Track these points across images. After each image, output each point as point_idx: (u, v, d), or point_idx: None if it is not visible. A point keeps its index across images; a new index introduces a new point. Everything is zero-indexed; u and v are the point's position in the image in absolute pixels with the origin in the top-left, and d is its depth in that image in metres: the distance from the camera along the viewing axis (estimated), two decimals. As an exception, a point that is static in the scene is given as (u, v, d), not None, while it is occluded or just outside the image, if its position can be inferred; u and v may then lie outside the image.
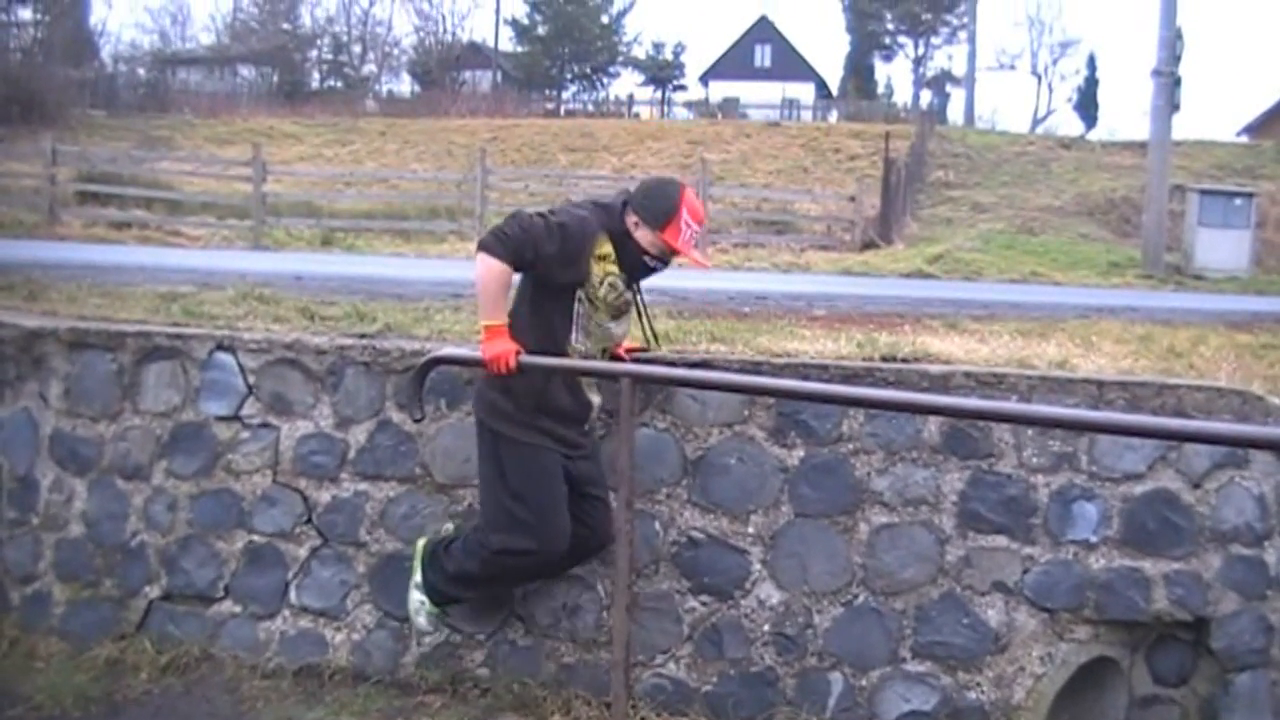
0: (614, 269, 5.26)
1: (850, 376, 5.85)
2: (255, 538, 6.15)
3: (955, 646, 5.78)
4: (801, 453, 5.82)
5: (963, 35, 68.09)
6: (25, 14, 63.44)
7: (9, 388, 6.59)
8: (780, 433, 5.82)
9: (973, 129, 49.85)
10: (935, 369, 5.99)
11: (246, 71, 64.36)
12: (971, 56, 58.20)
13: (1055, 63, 75.81)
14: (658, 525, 5.84)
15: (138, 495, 6.24)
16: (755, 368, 5.91)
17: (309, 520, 6.12)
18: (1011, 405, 5.56)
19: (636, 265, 5.33)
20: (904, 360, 6.20)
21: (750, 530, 5.84)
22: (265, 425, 6.15)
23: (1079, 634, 5.86)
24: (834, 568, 5.82)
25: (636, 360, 5.59)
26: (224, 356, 6.22)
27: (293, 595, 6.14)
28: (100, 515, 6.30)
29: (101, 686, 5.91)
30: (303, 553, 6.13)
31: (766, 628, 5.85)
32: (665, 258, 5.38)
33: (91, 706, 5.72)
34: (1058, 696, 5.88)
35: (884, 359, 6.21)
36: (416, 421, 5.87)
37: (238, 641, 6.16)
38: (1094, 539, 5.79)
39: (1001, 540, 5.79)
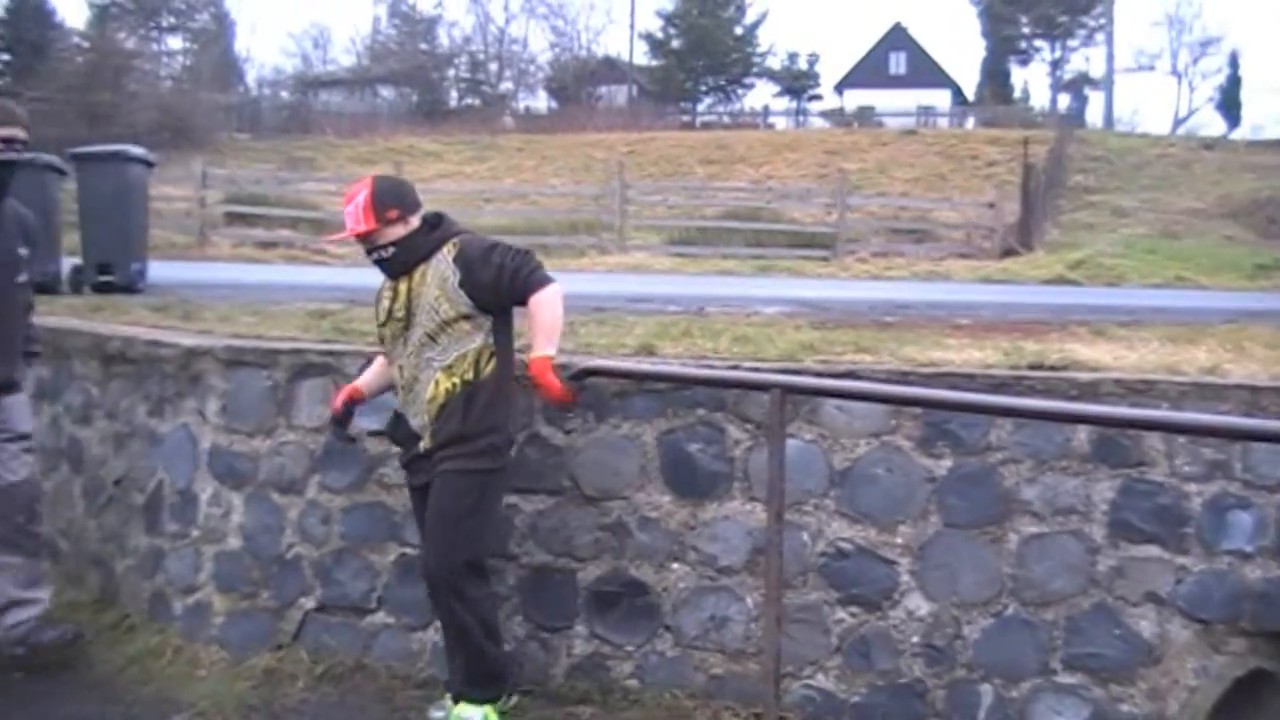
0: None
1: (998, 385, 5.82)
2: (407, 550, 6.22)
3: (1107, 658, 5.71)
4: (949, 463, 5.80)
5: (1100, 37, 67.20)
6: (175, 43, 65.43)
7: (169, 405, 6.76)
8: (928, 442, 5.80)
9: (1112, 132, 49.28)
10: (1084, 376, 5.93)
11: (386, 92, 65.30)
12: (1109, 58, 57.54)
13: (1196, 62, 74.66)
14: (805, 536, 5.84)
15: (292, 509, 6.36)
16: (902, 377, 5.89)
17: (460, 532, 6.18)
18: (1162, 413, 5.50)
19: None
20: (1051, 368, 6.14)
21: (898, 541, 5.82)
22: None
23: (1234, 646, 5.76)
24: (983, 578, 5.78)
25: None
26: (375, 372, 6.33)
27: (445, 607, 6.22)
28: (257, 528, 6.43)
29: (260, 694, 6.03)
30: (454, 565, 6.20)
31: (915, 639, 5.82)
32: None
33: (252, 714, 5.82)
34: (1212, 711, 5.77)
35: (1031, 367, 6.15)
36: (566, 434, 5.94)
37: (390, 652, 6.25)
38: (1249, 549, 5.69)
39: (1154, 550, 5.71)
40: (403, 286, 5.51)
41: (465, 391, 5.38)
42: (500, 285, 5.41)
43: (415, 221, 5.60)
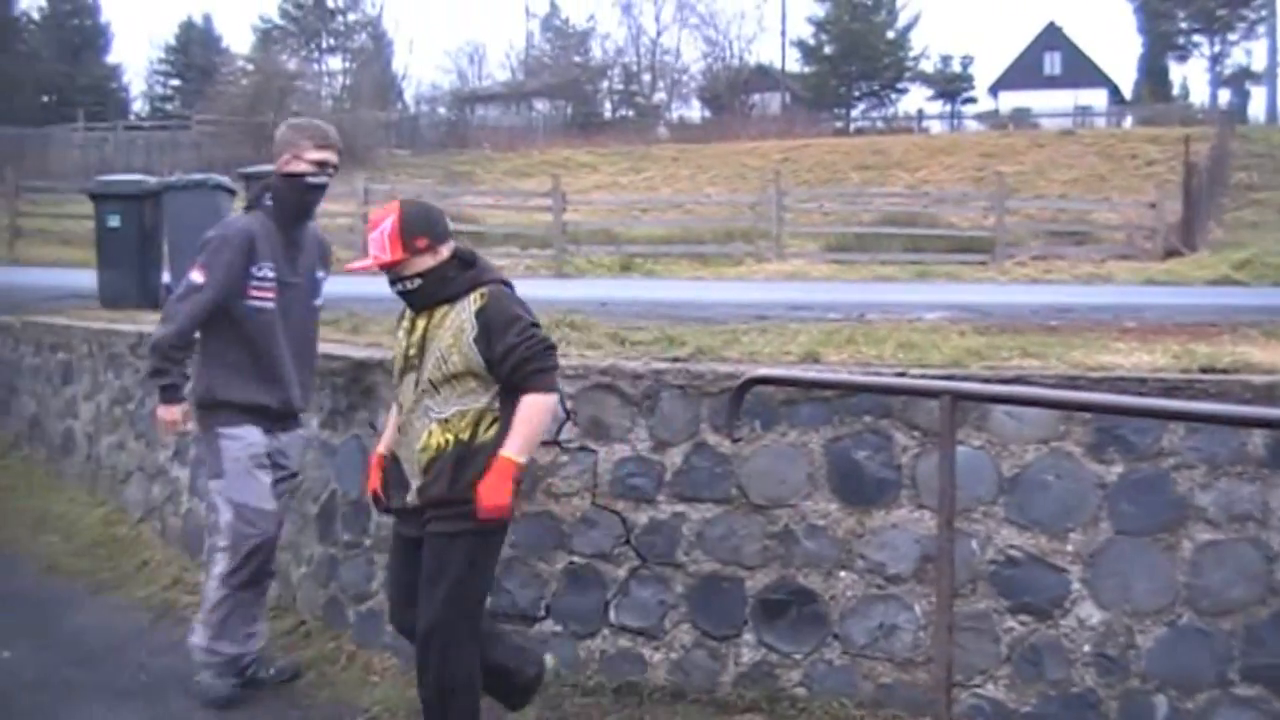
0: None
1: (1169, 389, 5.72)
2: (575, 559, 6.28)
3: (1288, 669, 5.60)
4: (1120, 468, 5.71)
5: (1261, 29, 65.89)
6: (335, 63, 66.91)
7: (341, 417, 6.90)
8: (1098, 448, 5.73)
9: (1276, 127, 48.27)
10: (1259, 379, 5.81)
11: (541, 105, 65.97)
12: (1272, 51, 56.41)
13: (1362, 51, 72.55)
14: (974, 544, 5.80)
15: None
16: (1071, 382, 5.82)
17: (627, 541, 6.23)
18: (1343, 416, 5.37)
19: None
20: (1224, 371, 6.03)
21: (1069, 548, 5.75)
22: (584, 449, 6.28)
23: None
24: (1156, 586, 5.69)
25: None
26: (544, 383, 6.40)
27: (612, 615, 6.26)
28: (426, 538, 6.53)
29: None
30: (622, 573, 6.24)
31: (1087, 648, 5.74)
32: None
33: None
34: (1399, 722, 5.65)
35: (1203, 370, 6.04)
36: (734, 442, 5.96)
37: (559, 659, 6.30)
38: None
39: (1335, 557, 5.59)
40: (421, 323, 5.23)
41: (457, 451, 5.10)
42: (505, 363, 5.06)
43: (445, 252, 5.23)
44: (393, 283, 5.26)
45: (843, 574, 5.96)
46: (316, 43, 68.00)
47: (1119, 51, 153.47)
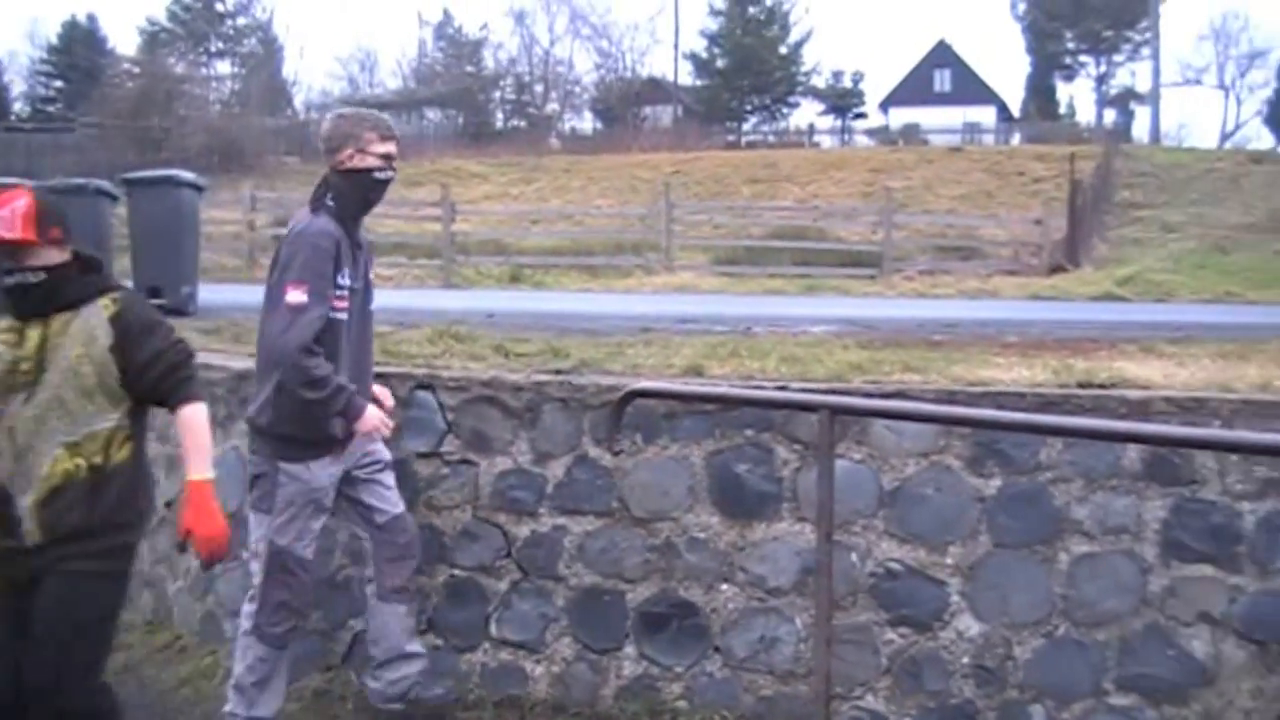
0: None
1: (1047, 404, 5.80)
2: (456, 572, 6.24)
3: (1160, 679, 5.68)
4: (999, 482, 5.78)
5: (1146, 51, 67.00)
6: (224, 68, 65.97)
7: (219, 428, 6.77)
8: (977, 462, 5.79)
9: (1159, 146, 49.08)
10: (1134, 395, 5.91)
11: (433, 114, 65.64)
12: (1155, 72, 57.31)
13: (1243, 75, 74.51)
14: (855, 557, 5.83)
15: (343, 531, 6.35)
16: (951, 397, 5.88)
17: (508, 554, 6.20)
18: (1214, 431, 5.46)
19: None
20: (1101, 386, 6.11)
21: (949, 561, 5.81)
22: (465, 461, 6.25)
23: (1291, 666, 5.72)
24: (1034, 599, 5.76)
25: None
26: (424, 395, 6.34)
27: (493, 628, 6.23)
28: (308, 550, 6.45)
29: (311, 715, 6.05)
30: (503, 586, 6.21)
31: (966, 660, 5.80)
32: None
33: (301, 736, 5.86)
34: (1269, 731, 5.75)
35: (1081, 385, 6.12)
36: (614, 455, 5.94)
37: (441, 673, 6.24)
38: (1305, 567, 5.66)
39: (1207, 569, 5.68)
40: (33, 332, 4.51)
41: (91, 479, 4.52)
42: (150, 372, 4.59)
43: (69, 254, 4.60)
44: (10, 271, 4.51)
45: (724, 587, 5.97)
46: (205, 46, 67.04)
47: (1008, 70, 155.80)
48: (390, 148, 5.63)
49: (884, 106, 76.98)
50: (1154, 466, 5.70)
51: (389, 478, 5.81)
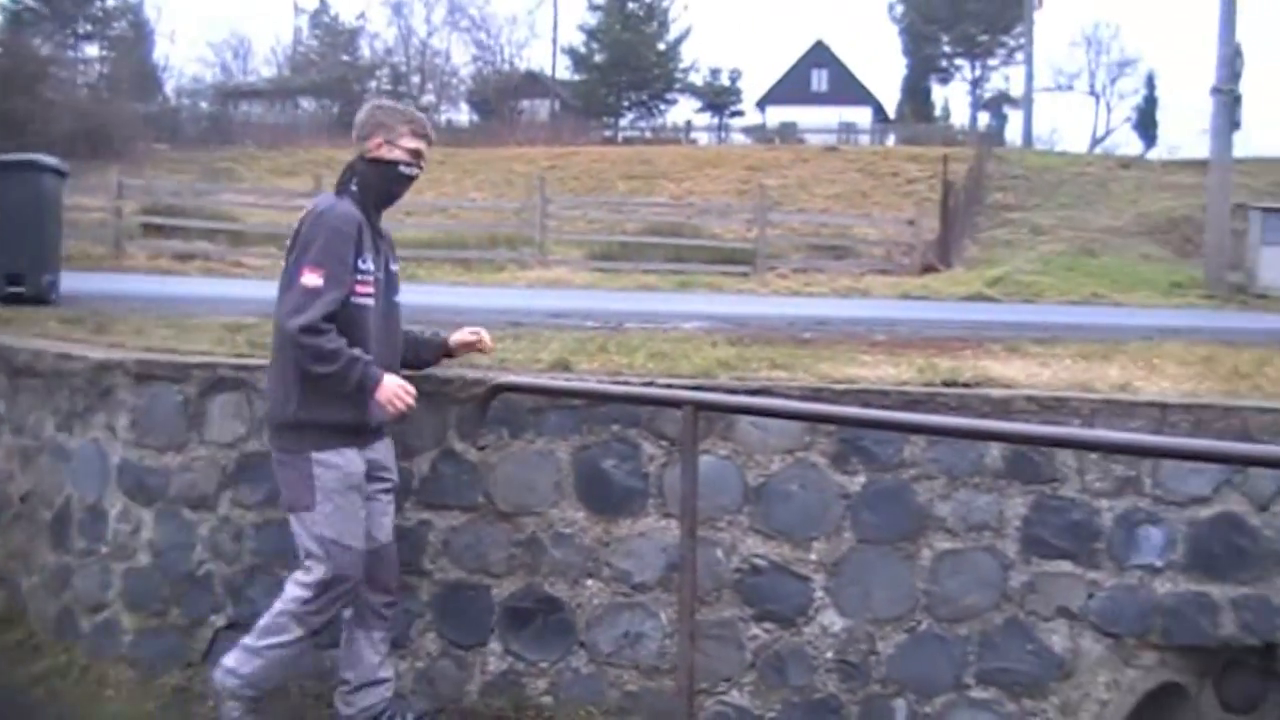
0: None
1: (912, 402, 5.86)
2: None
3: (1020, 673, 5.76)
4: (863, 479, 5.82)
5: (1019, 56, 67.89)
6: (92, 50, 64.51)
7: (78, 419, 6.66)
8: (842, 459, 5.82)
9: (1031, 150, 49.85)
10: (997, 394, 5.98)
11: (307, 103, 65.01)
12: (1028, 77, 58.07)
13: (1113, 82, 75.86)
14: (720, 552, 5.84)
15: (204, 525, 6.27)
16: (816, 394, 5.90)
17: (373, 549, 6.14)
18: (1074, 430, 5.56)
19: None
20: (965, 385, 6.18)
21: (813, 557, 5.83)
22: (330, 456, 6.17)
23: (1145, 660, 5.83)
24: (897, 594, 5.81)
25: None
26: (288, 387, 6.25)
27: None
28: (167, 545, 6.32)
29: (169, 714, 5.94)
30: (367, 582, 6.15)
31: (830, 655, 5.84)
32: None
33: (159, 735, 5.76)
34: (1124, 723, 5.85)
35: (945, 384, 6.19)
36: (480, 450, 5.91)
37: (303, 670, 6.12)
38: (1159, 563, 5.76)
39: (1066, 565, 5.77)
40: None
41: None
42: None
43: None
44: None
45: (589, 582, 5.96)
46: (72, 28, 65.45)
47: (884, 72, 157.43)
48: (421, 145, 5.53)
49: (761, 105, 77.45)
50: (1015, 464, 5.77)
51: (391, 504, 5.66)
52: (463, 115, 69.66)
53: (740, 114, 75.70)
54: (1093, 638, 5.78)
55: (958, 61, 77.78)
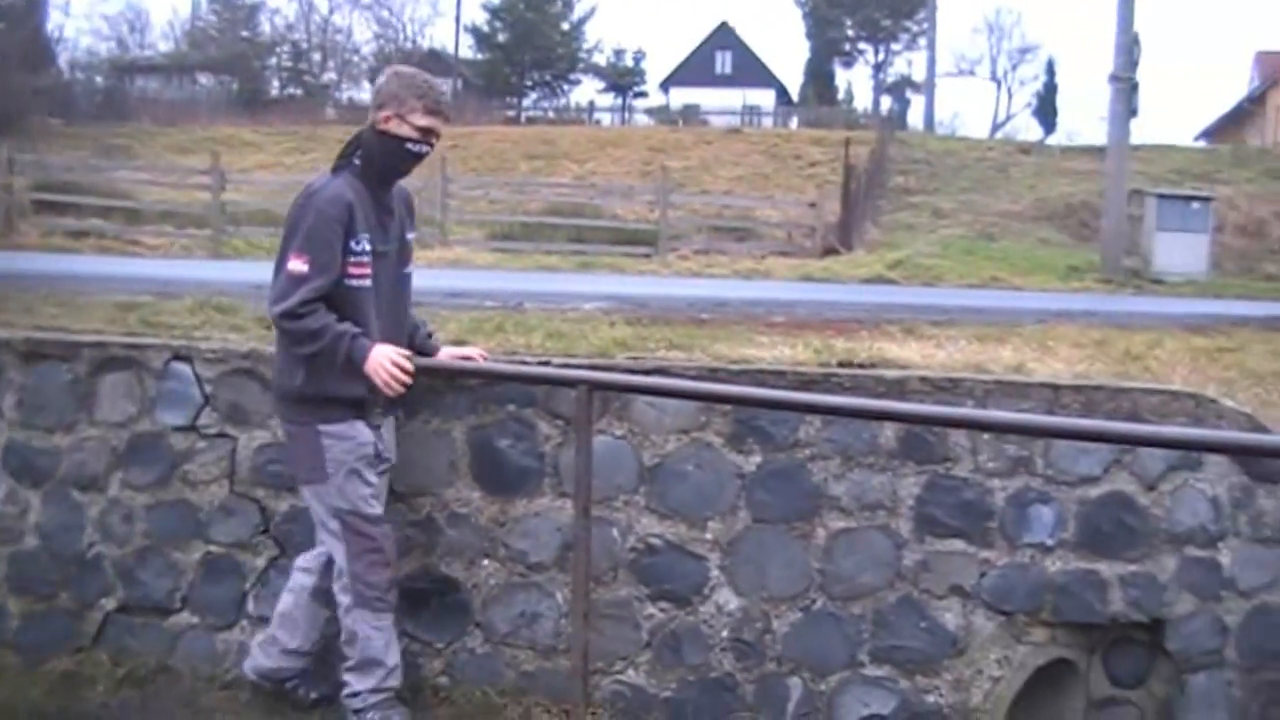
0: None
1: (807, 383, 5.88)
2: (213, 548, 6.11)
3: (913, 650, 5.82)
4: (759, 459, 5.84)
5: (922, 41, 68.35)
6: (-20, 21, 62.99)
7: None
8: (737, 439, 5.84)
9: (933, 135, 50.17)
10: (891, 374, 6.02)
11: (205, 79, 64.04)
12: (931, 63, 58.41)
13: (1014, 68, 76.65)
14: (615, 532, 5.85)
15: (94, 507, 6.19)
16: (712, 374, 5.92)
17: (266, 530, 6.09)
18: (967, 410, 5.61)
19: None
20: (860, 366, 6.22)
21: (708, 537, 5.85)
22: (222, 435, 6.11)
23: (1036, 636, 5.90)
24: (792, 573, 5.84)
25: None
26: (180, 366, 6.17)
27: (250, 606, 6.10)
28: (56, 527, 6.24)
29: (57, 700, 5.85)
30: (260, 563, 6.09)
31: (725, 634, 5.86)
32: None
33: (47, 720, 5.67)
34: (1015, 699, 5.92)
35: (841, 365, 6.23)
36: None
37: (195, 653, 6.11)
38: (1050, 542, 5.83)
39: (958, 544, 5.82)
40: None
41: None
42: None
43: None
44: None
45: (485, 562, 5.95)
46: (-40, -3, 64.31)
47: (788, 54, 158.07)
48: (433, 122, 5.28)
49: (665, 86, 77.41)
50: (909, 445, 5.81)
51: (385, 487, 5.56)
52: (364, 93, 68.97)
53: (644, 95, 75.71)
54: (985, 615, 5.84)
55: (861, 45, 78.21)
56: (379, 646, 5.36)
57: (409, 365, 5.13)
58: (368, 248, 5.19)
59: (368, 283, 5.21)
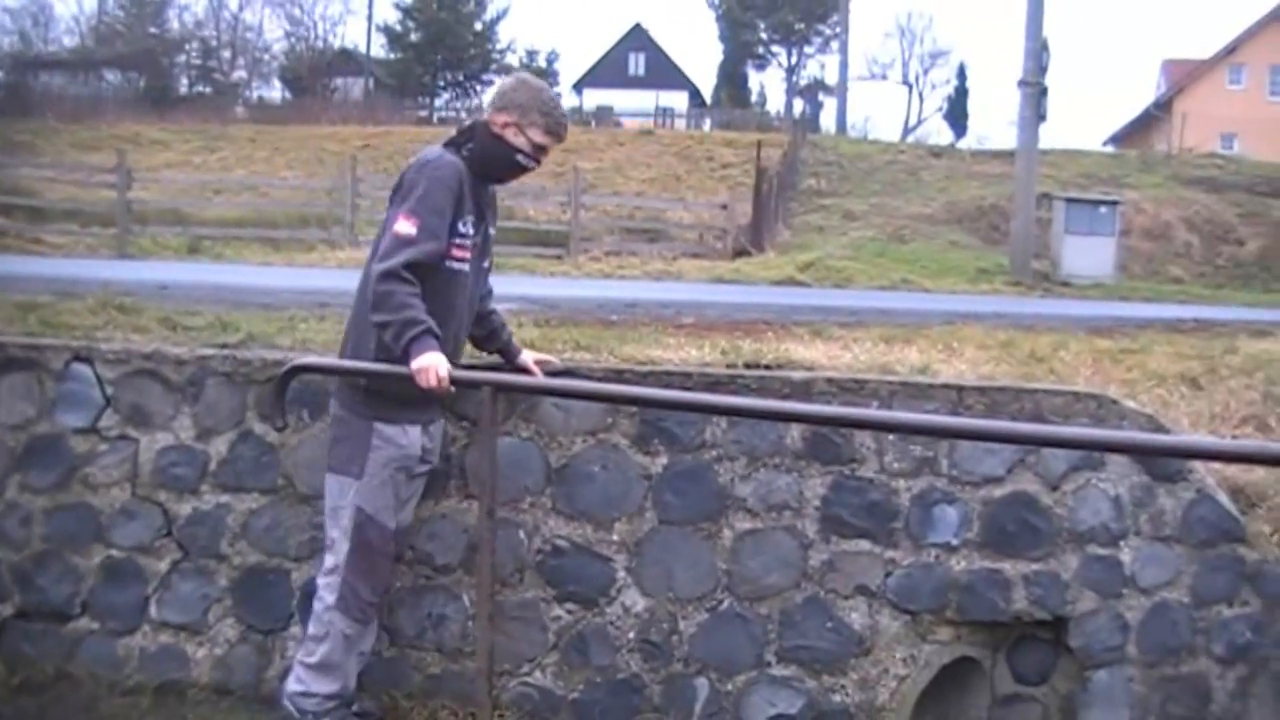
0: None
1: (713, 384, 5.89)
2: (114, 552, 6.03)
3: (820, 650, 5.84)
4: (665, 460, 5.84)
5: (835, 45, 69.01)
6: (-124, 13, 61.85)
7: None
8: (644, 440, 5.84)
9: (845, 137, 50.49)
10: (797, 375, 6.04)
11: (112, 76, 63.37)
12: (843, 66, 58.82)
13: (926, 72, 77.59)
14: (522, 534, 5.83)
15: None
16: (619, 376, 5.91)
17: (169, 533, 6.02)
18: (872, 411, 5.63)
19: None
20: (767, 367, 6.23)
21: (615, 538, 5.85)
22: (124, 437, 6.04)
23: (941, 635, 5.95)
24: (698, 574, 5.85)
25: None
26: (81, 368, 6.10)
27: (153, 610, 6.04)
28: (-49, 531, 6.15)
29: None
30: (163, 567, 6.02)
31: (632, 635, 5.86)
32: None
33: (-61, 731, 5.58)
34: (921, 697, 5.96)
35: (747, 366, 6.23)
36: (279, 431, 5.81)
37: (96, 659, 6.03)
38: (955, 542, 5.88)
39: (864, 544, 5.85)
40: None
41: None
42: None
43: None
44: None
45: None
46: None
47: (702, 57, 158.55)
48: (548, 142, 5.27)
49: (578, 88, 77.50)
50: (815, 445, 5.84)
51: (420, 490, 5.56)
52: (275, 92, 68.79)
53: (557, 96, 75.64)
54: (890, 615, 5.88)
55: (774, 49, 78.73)
56: (343, 654, 5.32)
57: (449, 386, 4.93)
58: (471, 232, 5.16)
59: (466, 267, 5.18)
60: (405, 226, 4.92)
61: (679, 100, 71.83)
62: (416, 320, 4.86)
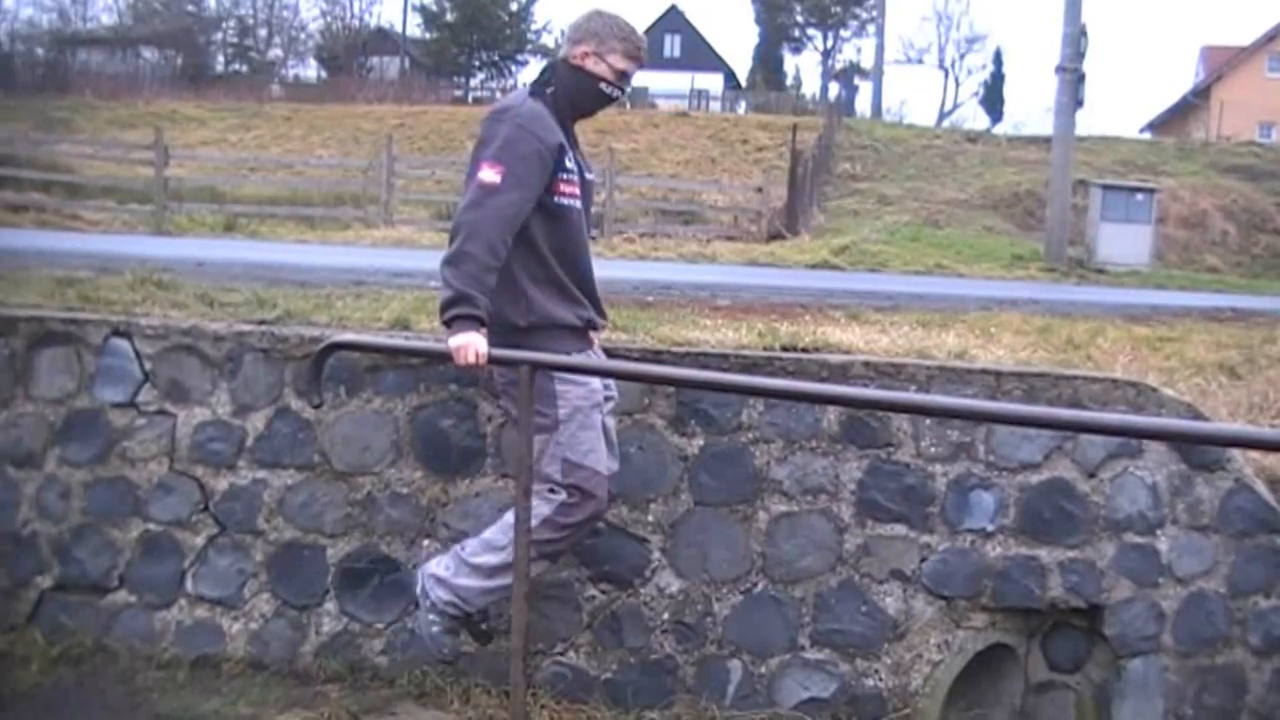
0: None
1: (750, 366, 5.87)
2: (151, 526, 6.05)
3: (853, 634, 5.83)
4: (701, 441, 5.83)
5: (871, 29, 68.72)
6: (-84, -10, 62.09)
7: None
8: (680, 421, 5.83)
9: (880, 122, 50.30)
10: (834, 359, 6.01)
11: (149, 54, 63.46)
12: (879, 50, 58.59)
13: (962, 57, 77.42)
14: (556, 513, 5.83)
15: (30, 483, 6.12)
16: (655, 356, 5.91)
17: (206, 508, 6.04)
18: (909, 395, 5.61)
19: None
20: (804, 350, 6.21)
21: (650, 519, 5.84)
22: (161, 412, 6.06)
23: (975, 621, 5.92)
24: (733, 556, 5.84)
25: None
26: (120, 342, 6.12)
27: (189, 584, 6.06)
28: (-10, 504, 6.18)
29: (-10, 679, 5.82)
30: (199, 541, 6.04)
31: (666, 616, 5.86)
32: None
33: (-20, 700, 5.60)
34: (954, 683, 5.94)
35: (784, 349, 6.21)
36: (315, 408, 5.82)
37: (132, 632, 6.06)
38: (990, 527, 5.85)
39: (899, 529, 5.84)
40: None
41: None
42: None
43: None
44: None
45: (426, 542, 5.92)
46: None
47: (737, 39, 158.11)
48: (631, 67, 5.08)
49: (613, 69, 77.25)
50: (851, 429, 5.82)
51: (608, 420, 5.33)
52: (310, 71, 68.79)
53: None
54: (925, 600, 5.86)
55: (810, 32, 78.40)
56: (502, 580, 5.09)
57: (481, 362, 4.77)
58: (573, 167, 5.01)
59: (577, 204, 5.04)
60: (489, 174, 4.74)
61: (714, 83, 71.54)
62: (473, 299, 4.67)
